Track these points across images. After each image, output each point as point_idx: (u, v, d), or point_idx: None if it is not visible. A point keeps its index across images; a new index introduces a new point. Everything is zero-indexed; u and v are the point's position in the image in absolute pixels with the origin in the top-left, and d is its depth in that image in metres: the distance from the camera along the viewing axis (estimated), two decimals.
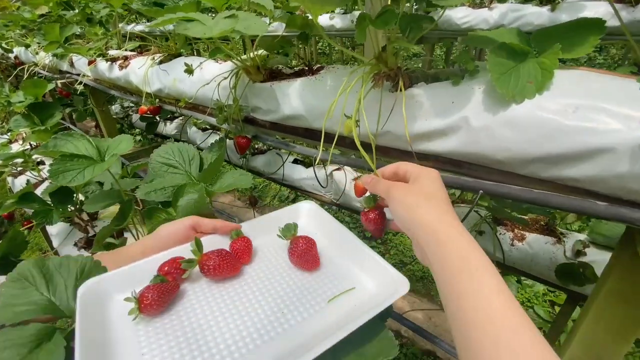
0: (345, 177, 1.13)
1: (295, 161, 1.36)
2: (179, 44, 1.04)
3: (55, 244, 0.99)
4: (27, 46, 1.95)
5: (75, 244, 0.86)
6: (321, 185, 1.06)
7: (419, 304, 1.77)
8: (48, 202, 0.85)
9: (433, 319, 1.70)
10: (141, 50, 1.24)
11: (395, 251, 2.06)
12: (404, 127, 0.48)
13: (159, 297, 0.37)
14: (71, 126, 2.36)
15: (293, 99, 0.60)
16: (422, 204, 0.34)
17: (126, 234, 0.89)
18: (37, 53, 1.90)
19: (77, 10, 1.40)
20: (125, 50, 1.26)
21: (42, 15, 1.63)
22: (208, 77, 0.77)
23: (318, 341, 0.32)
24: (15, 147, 1.50)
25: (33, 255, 2.15)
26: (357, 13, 2.19)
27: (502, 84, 0.39)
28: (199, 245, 0.42)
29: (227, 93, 0.71)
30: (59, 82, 1.77)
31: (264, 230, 0.49)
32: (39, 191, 0.92)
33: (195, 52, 1.08)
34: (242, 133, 0.75)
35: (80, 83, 1.32)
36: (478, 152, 0.42)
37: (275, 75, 0.66)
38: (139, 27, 2.32)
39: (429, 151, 0.47)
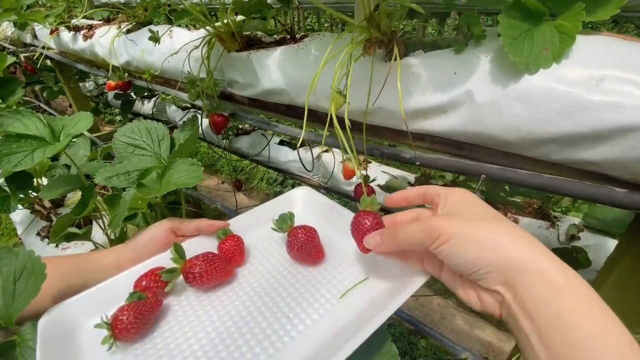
0: (334, 160, 1.08)
1: (282, 142, 1.29)
2: (149, 11, 0.93)
3: (19, 231, 0.91)
4: None
5: (38, 233, 0.79)
6: (306, 169, 1.00)
7: None
8: (5, 187, 0.77)
9: (420, 299, 1.71)
10: (108, 19, 1.12)
11: None
12: (397, 103, 0.42)
13: (137, 318, 0.31)
14: (43, 105, 2.20)
15: (273, 70, 0.53)
16: (504, 236, 0.25)
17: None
18: None
19: None
20: (91, 18, 1.13)
21: None
22: (179, 47, 0.69)
23: (336, 346, 0.27)
24: None
25: (10, 241, 2.05)
26: None
27: (515, 51, 0.33)
28: (179, 251, 0.36)
29: (200, 64, 0.63)
30: (22, 55, 1.62)
31: (255, 225, 0.43)
32: None
33: (169, 21, 0.97)
34: (219, 110, 0.67)
35: (42, 55, 1.19)
36: (482, 132, 0.37)
37: (252, 43, 0.58)
38: None
39: (426, 131, 0.42)
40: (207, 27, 0.59)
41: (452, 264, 0.28)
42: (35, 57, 1.19)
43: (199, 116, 0.69)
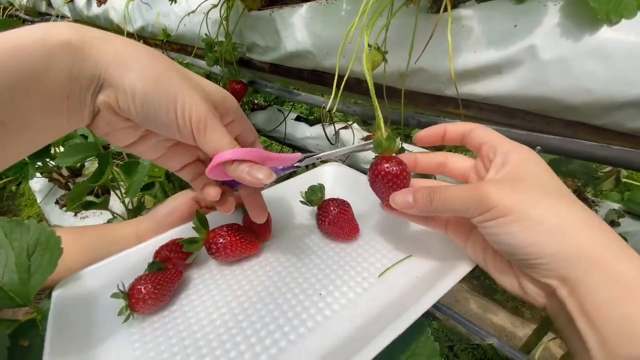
0: (353, 136, 1.03)
1: (299, 118, 1.25)
2: None
3: (38, 199, 0.92)
4: None
5: (57, 202, 0.79)
6: (330, 142, 0.96)
7: None
8: None
9: None
10: None
11: None
12: (442, 63, 0.37)
13: (155, 289, 0.29)
14: None
15: (298, 30, 0.49)
16: (573, 221, 0.21)
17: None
18: None
19: None
20: None
21: None
22: (195, 7, 0.64)
23: (377, 328, 0.24)
24: None
25: (33, 211, 2.11)
26: None
27: None
28: (202, 220, 0.33)
29: (218, 26, 0.59)
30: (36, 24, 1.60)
31: (282, 199, 0.41)
32: None
33: None
34: (237, 78, 0.63)
35: None
36: (545, 95, 0.32)
37: (275, 1, 0.53)
38: None
39: (474, 95, 0.37)
40: None
41: (497, 244, 0.23)
42: None
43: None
